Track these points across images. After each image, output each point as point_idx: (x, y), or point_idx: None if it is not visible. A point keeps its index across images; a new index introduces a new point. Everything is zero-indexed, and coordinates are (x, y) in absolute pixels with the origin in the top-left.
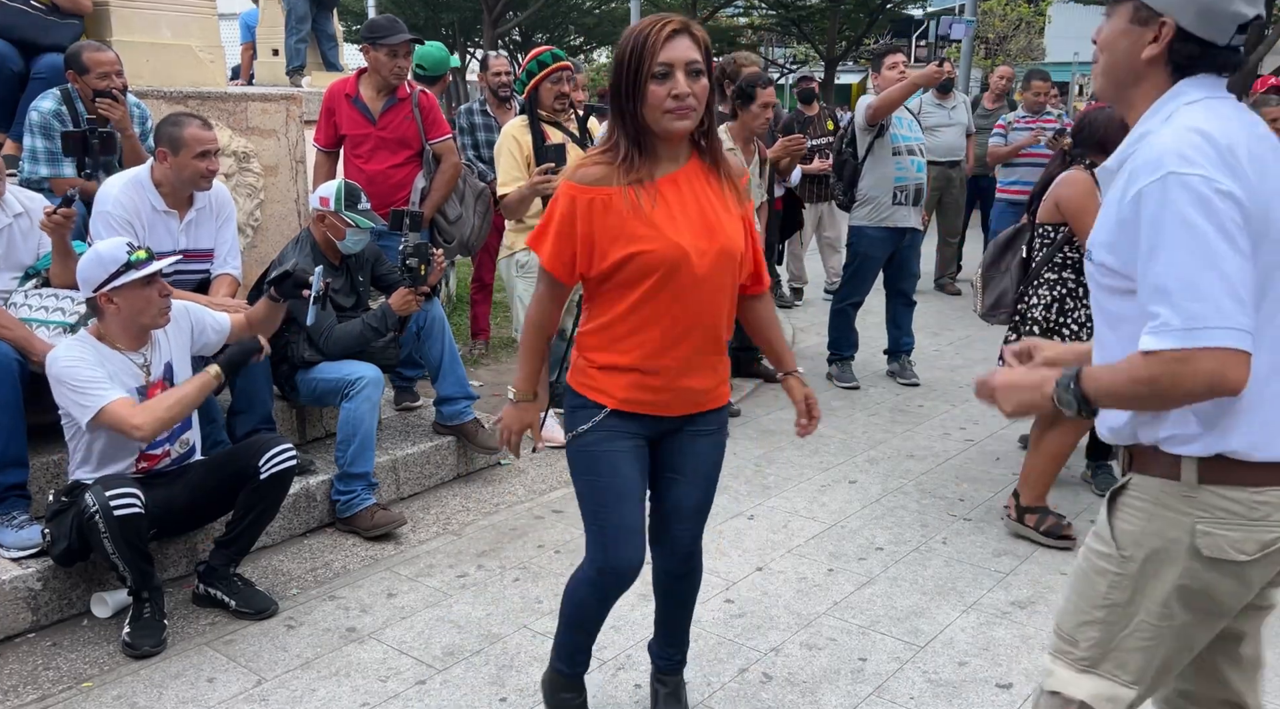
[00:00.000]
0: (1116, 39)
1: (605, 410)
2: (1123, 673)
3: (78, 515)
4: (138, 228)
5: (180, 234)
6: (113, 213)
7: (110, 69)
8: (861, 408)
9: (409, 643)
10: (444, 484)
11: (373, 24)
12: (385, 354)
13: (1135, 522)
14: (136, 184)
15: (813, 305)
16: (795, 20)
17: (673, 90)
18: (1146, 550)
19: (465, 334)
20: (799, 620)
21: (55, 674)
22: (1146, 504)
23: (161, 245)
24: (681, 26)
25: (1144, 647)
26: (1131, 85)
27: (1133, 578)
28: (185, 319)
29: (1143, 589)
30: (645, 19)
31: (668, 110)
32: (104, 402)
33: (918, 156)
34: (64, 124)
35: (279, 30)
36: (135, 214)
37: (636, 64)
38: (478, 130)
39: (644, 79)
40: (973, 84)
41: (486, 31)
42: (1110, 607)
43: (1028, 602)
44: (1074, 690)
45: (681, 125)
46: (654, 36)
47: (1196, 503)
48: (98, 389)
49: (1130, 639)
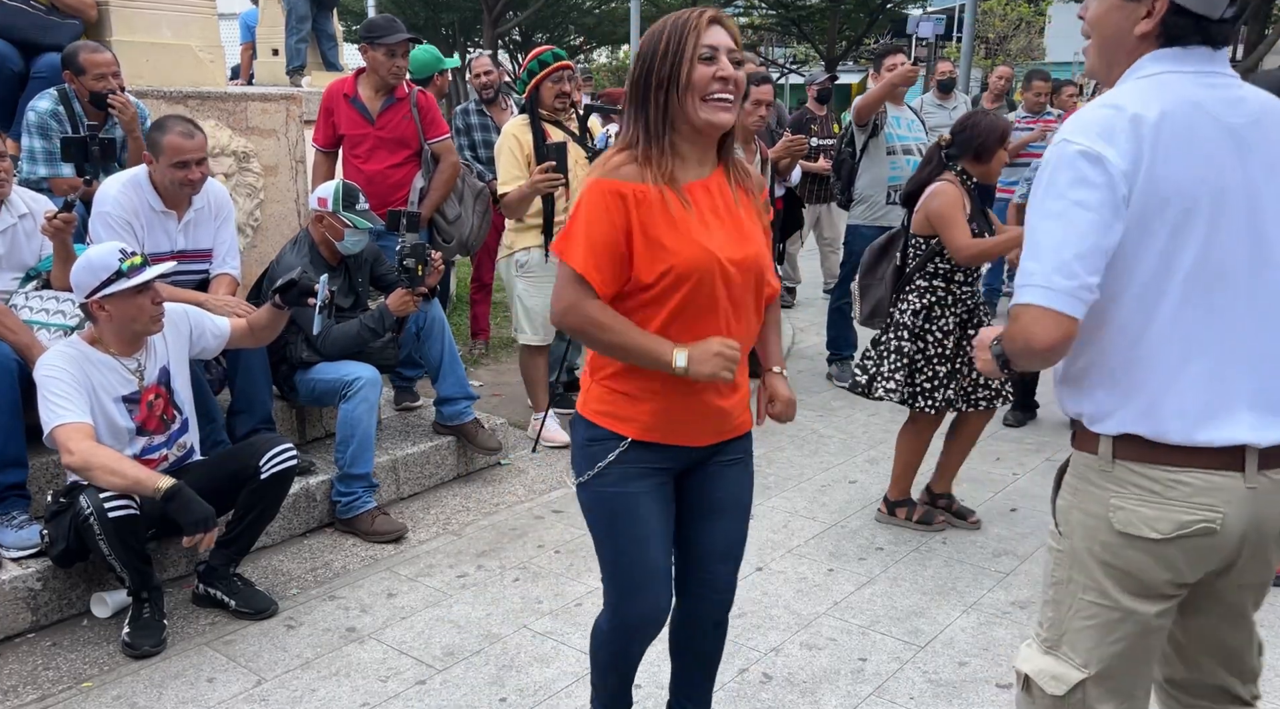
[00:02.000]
0: (1107, 14)
1: (626, 442)
2: (1074, 654)
3: (74, 517)
4: (136, 228)
5: (179, 234)
6: (111, 213)
7: (107, 70)
8: (861, 408)
9: (409, 643)
10: (444, 484)
11: (370, 24)
12: (384, 354)
13: (1067, 498)
14: (135, 184)
15: (812, 305)
16: (795, 20)
17: (719, 72)
18: (1075, 525)
19: (465, 334)
20: (799, 620)
21: (55, 674)
22: (1076, 480)
23: (159, 246)
24: (718, 17)
25: (1089, 627)
26: (1123, 62)
27: (1069, 554)
28: (185, 323)
29: (1078, 566)
30: (685, 10)
31: (710, 96)
32: (59, 422)
33: (914, 156)
34: (61, 124)
35: (279, 30)
36: (134, 214)
37: (678, 47)
38: (474, 130)
39: (687, 61)
40: (973, 84)
41: (486, 31)
42: (1057, 585)
43: (1028, 602)
44: (1025, 665)
45: (724, 117)
46: (696, 20)
47: (1111, 477)
48: (60, 407)
49: (1076, 619)
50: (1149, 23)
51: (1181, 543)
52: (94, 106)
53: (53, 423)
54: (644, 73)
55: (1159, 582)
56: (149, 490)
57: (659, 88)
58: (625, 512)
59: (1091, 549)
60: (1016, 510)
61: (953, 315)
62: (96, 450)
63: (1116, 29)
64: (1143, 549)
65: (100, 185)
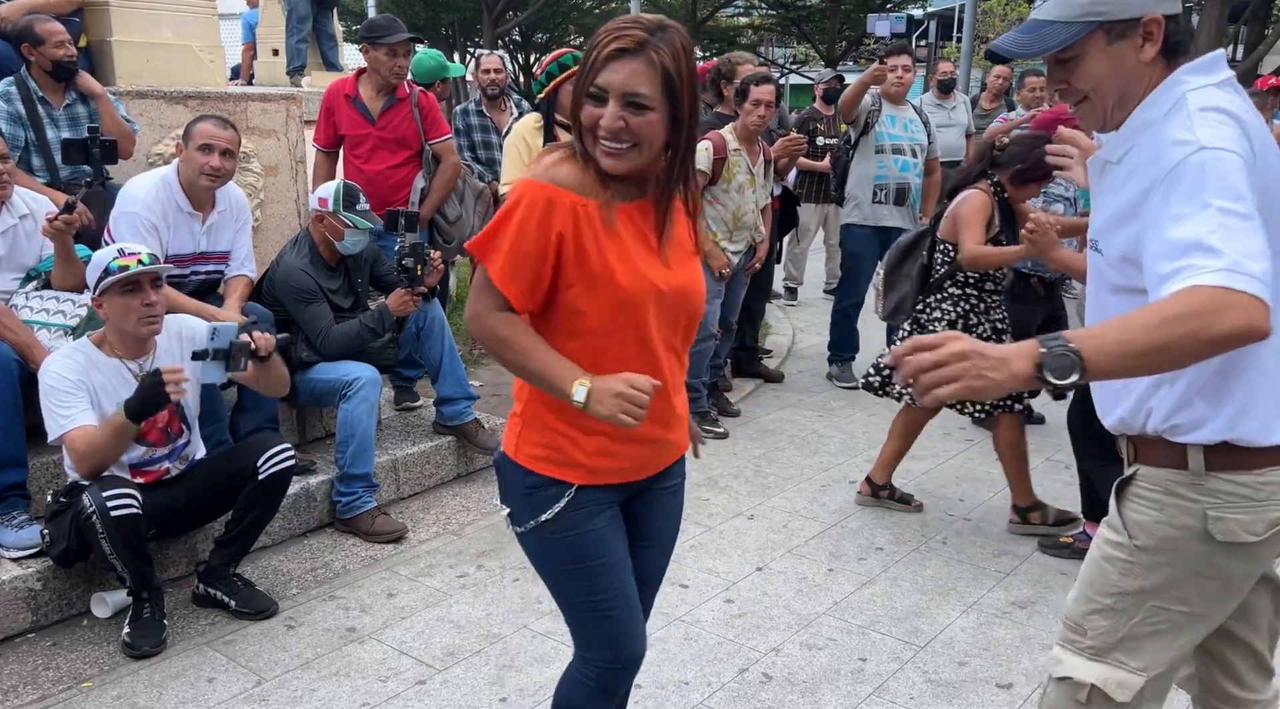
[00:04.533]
0: (1105, 68)
1: (572, 488)
2: (1131, 660)
3: (76, 516)
4: (163, 231)
5: (202, 236)
6: (140, 215)
7: (63, 37)
8: (861, 408)
9: (409, 643)
10: (444, 484)
11: (371, 24)
12: (384, 354)
13: (1146, 511)
14: (164, 184)
15: (812, 305)
16: (795, 20)
17: (601, 119)
18: (1158, 538)
19: (465, 334)
20: (799, 620)
21: (55, 674)
22: (1157, 494)
23: (184, 247)
24: (637, 45)
25: (1157, 633)
26: (1138, 93)
27: (1145, 566)
28: (193, 333)
29: (1156, 576)
30: (613, 22)
31: (599, 139)
32: (68, 428)
33: (905, 156)
34: (10, 105)
35: (279, 30)
36: (162, 217)
37: (581, 75)
38: (474, 131)
39: (581, 94)
40: (973, 84)
41: (486, 31)
42: (1120, 595)
43: (1028, 602)
44: (1084, 675)
45: (610, 163)
46: (598, 50)
47: (1205, 490)
48: (65, 414)
49: (1141, 626)
50: (1154, 46)
51: (1272, 540)
52: (53, 78)
53: (59, 430)
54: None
55: (1248, 583)
56: (128, 430)
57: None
58: (592, 554)
59: (1184, 560)
60: None
61: (988, 324)
62: (83, 453)
63: (1125, 71)
64: (1240, 555)
65: (128, 184)
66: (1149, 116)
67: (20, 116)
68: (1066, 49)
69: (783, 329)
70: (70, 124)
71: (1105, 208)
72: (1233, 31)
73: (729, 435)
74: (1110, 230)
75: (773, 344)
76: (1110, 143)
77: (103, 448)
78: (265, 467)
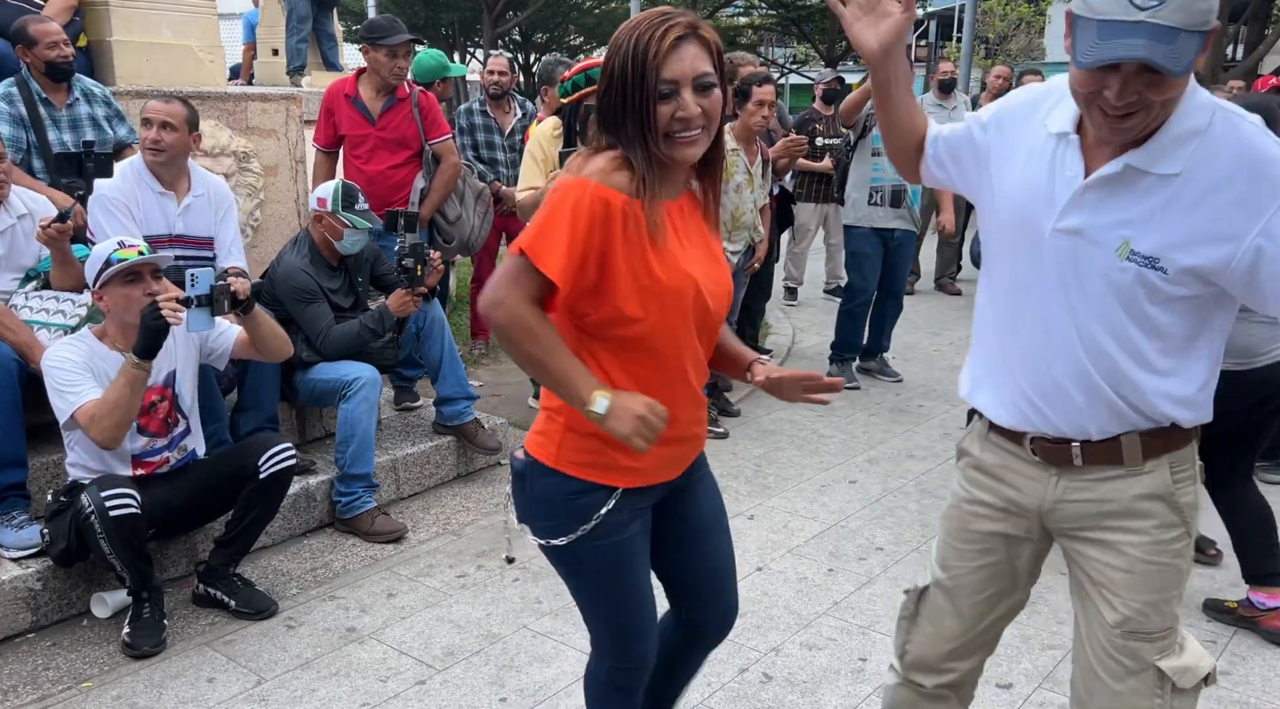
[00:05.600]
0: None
1: (618, 492)
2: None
3: (75, 516)
4: (134, 211)
5: (177, 218)
6: (109, 196)
7: (58, 37)
8: (861, 408)
9: (409, 643)
10: (444, 484)
11: (372, 24)
12: (384, 354)
13: (1191, 492)
14: (132, 166)
15: (812, 305)
16: (795, 20)
17: (677, 112)
18: (1196, 512)
19: (465, 334)
20: (799, 620)
21: (55, 674)
22: (1192, 469)
23: (157, 228)
24: (688, 30)
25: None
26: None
27: (1189, 547)
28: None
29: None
30: (642, 16)
31: (674, 135)
32: (79, 403)
33: None
34: (12, 107)
35: (279, 30)
36: (132, 198)
37: (639, 79)
38: (477, 131)
39: (648, 99)
40: (973, 84)
41: (486, 31)
42: (1182, 576)
43: (1027, 602)
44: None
45: (690, 152)
46: (655, 46)
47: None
48: (74, 391)
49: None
50: (1205, 54)
51: None
52: (50, 79)
53: (69, 409)
54: (606, 97)
55: None
56: (139, 376)
57: (626, 114)
58: (624, 562)
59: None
60: None
61: None
62: (99, 418)
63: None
64: None
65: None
66: (1192, 126)
67: (22, 118)
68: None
69: (783, 329)
70: (71, 125)
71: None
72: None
73: (729, 435)
74: (1185, 247)
75: (773, 344)
76: (1148, 152)
77: (118, 402)
78: (266, 466)
